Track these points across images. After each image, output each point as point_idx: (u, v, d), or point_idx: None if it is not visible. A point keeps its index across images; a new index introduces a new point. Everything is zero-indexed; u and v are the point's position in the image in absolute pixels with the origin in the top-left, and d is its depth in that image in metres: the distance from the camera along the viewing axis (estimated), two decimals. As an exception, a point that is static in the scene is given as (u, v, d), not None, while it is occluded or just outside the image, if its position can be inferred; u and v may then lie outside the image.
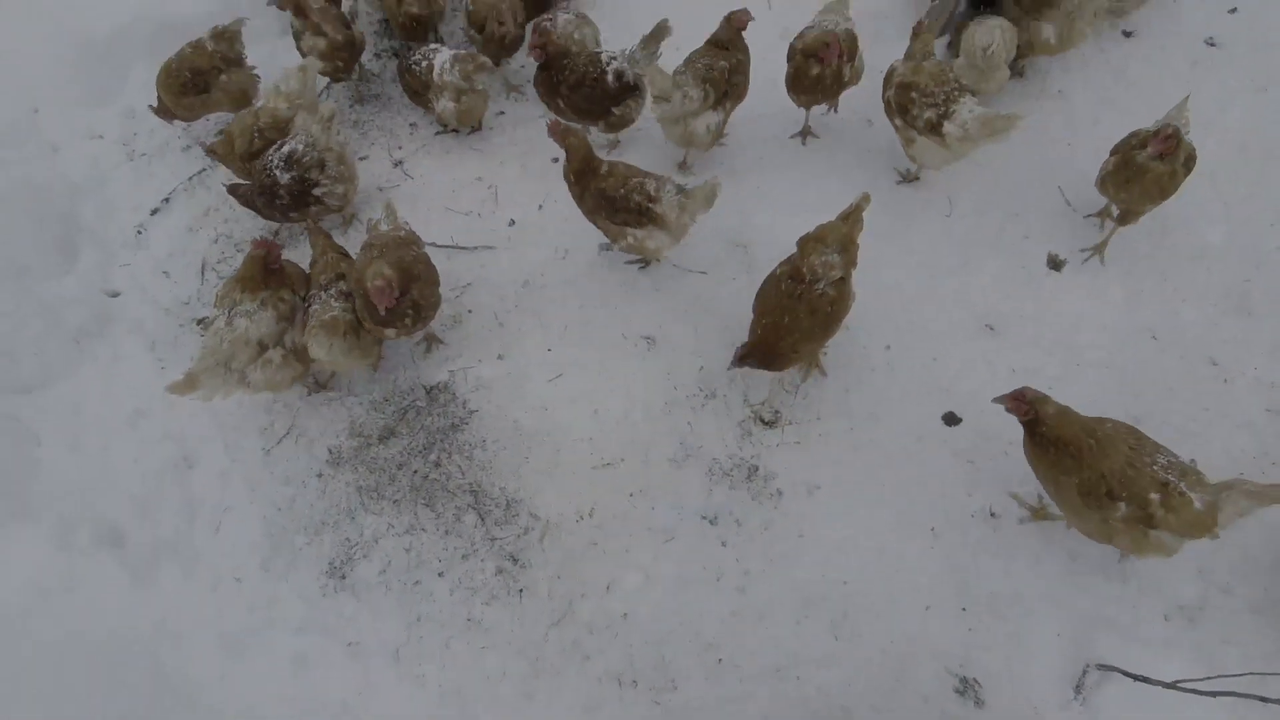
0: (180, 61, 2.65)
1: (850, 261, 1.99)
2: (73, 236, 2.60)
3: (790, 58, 2.50)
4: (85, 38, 2.92)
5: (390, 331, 2.06)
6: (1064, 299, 2.36)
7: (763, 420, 2.20)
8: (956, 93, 2.25)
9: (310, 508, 2.12)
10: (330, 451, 2.20)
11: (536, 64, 2.53)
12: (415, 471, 2.16)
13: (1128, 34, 2.93)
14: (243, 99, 2.75)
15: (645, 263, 2.48)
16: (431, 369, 2.33)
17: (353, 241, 2.47)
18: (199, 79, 2.66)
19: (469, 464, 2.16)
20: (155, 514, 2.13)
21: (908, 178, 2.63)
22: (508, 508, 2.09)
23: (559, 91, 2.52)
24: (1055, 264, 2.42)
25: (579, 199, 2.24)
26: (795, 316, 1.92)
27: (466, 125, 2.81)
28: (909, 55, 2.38)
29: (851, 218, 2.03)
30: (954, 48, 2.77)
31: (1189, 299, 2.33)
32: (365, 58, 3.00)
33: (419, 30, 2.87)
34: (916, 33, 2.39)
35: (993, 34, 2.38)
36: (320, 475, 2.17)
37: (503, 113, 2.95)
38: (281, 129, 2.48)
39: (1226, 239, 2.44)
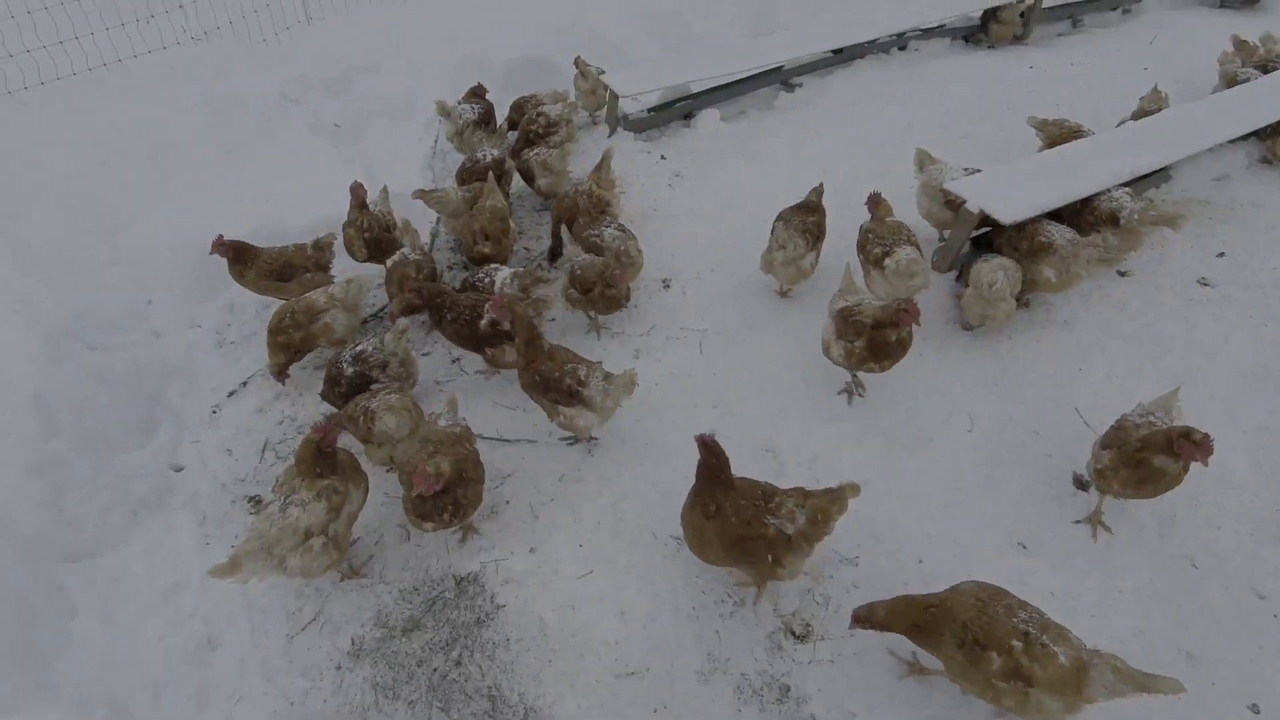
0: (280, 253, 3.16)
1: (816, 535, 2.01)
2: (156, 414, 2.85)
3: (856, 332, 2.50)
4: (205, 242, 3.39)
5: (428, 525, 2.15)
6: (1095, 520, 2.37)
7: (793, 633, 2.14)
8: (901, 241, 2.85)
9: (323, 704, 2.06)
10: (353, 642, 2.18)
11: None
12: (435, 669, 2.10)
13: (1123, 274, 3.23)
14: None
15: (575, 439, 2.69)
16: (464, 559, 2.37)
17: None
18: (286, 270, 3.14)
19: (490, 664, 2.11)
20: (168, 699, 2.07)
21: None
22: (525, 718, 2.00)
23: (442, 321, 2.84)
24: (1081, 484, 2.46)
25: (521, 371, 2.56)
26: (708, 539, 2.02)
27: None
28: (874, 219, 3.04)
29: (834, 505, 2.03)
30: (963, 280, 3.07)
31: (1223, 526, 2.31)
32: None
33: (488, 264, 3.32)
34: (875, 203, 3.06)
35: (996, 273, 2.68)
36: (339, 668, 2.13)
37: (554, 319, 3.29)
38: (312, 315, 2.86)
39: (1252, 466, 2.48)
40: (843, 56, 5.27)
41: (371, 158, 4.36)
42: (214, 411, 2.91)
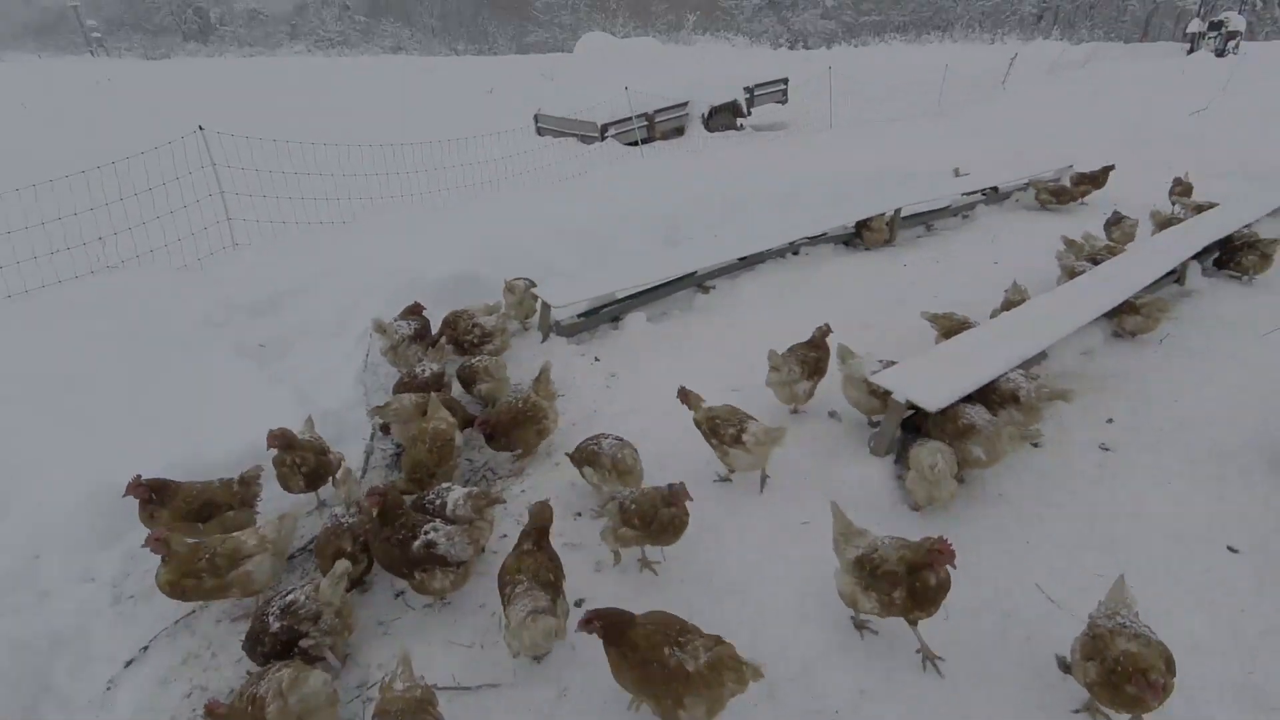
0: (203, 489, 2.88)
1: (713, 682, 1.99)
2: (39, 701, 2.34)
3: (891, 583, 2.26)
4: (108, 484, 3.06)
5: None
6: (1091, 707, 2.31)
7: None
8: (745, 421, 3.20)
9: None
10: None
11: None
12: None
13: (1036, 445, 3.52)
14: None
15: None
16: None
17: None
18: (207, 509, 2.85)
19: None
20: None
21: (724, 478, 3.38)
22: None
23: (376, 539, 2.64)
24: (1064, 667, 2.43)
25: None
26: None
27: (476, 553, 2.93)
28: (703, 408, 3.39)
29: (734, 670, 2.00)
30: (901, 463, 3.23)
31: (1210, 701, 2.32)
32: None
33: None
34: (684, 396, 3.44)
35: (935, 456, 2.86)
36: None
37: (505, 535, 3.12)
38: (235, 560, 2.55)
39: (1209, 627, 2.55)
40: (747, 262, 5.93)
41: (300, 376, 4.26)
42: (108, 688, 2.43)
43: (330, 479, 3.23)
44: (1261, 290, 5.34)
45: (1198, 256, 5.34)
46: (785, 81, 14.68)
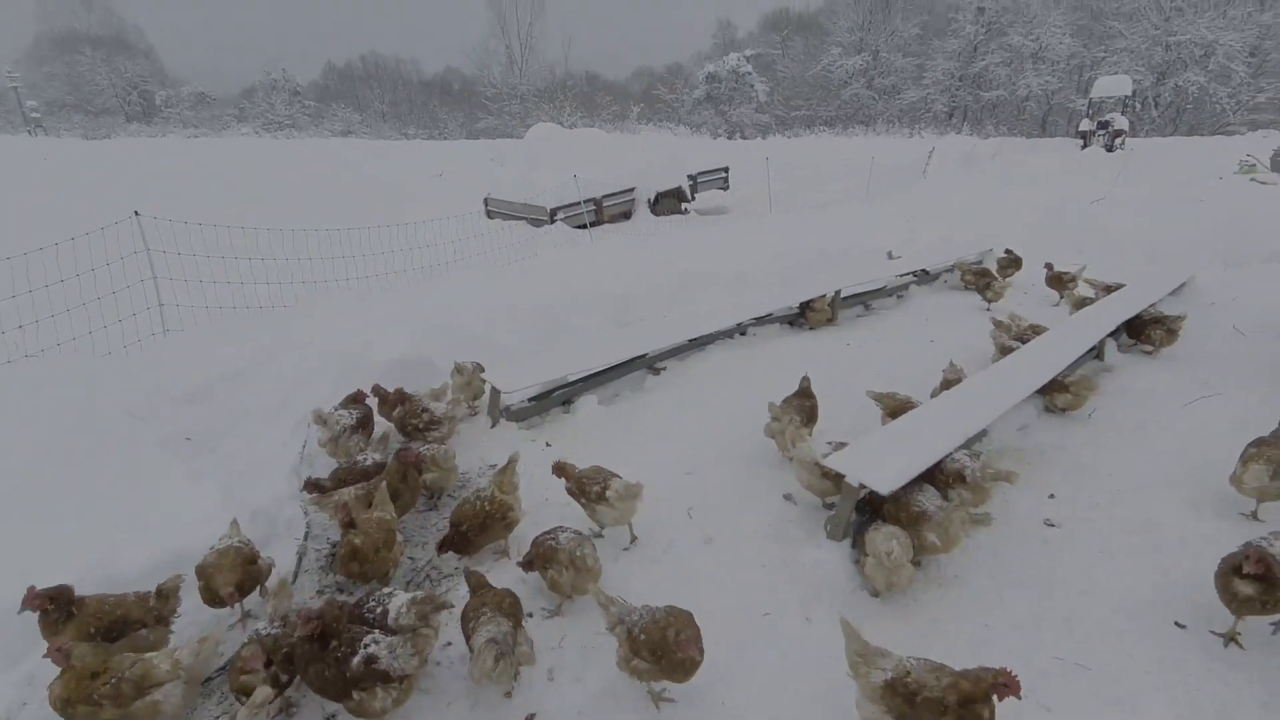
0: (116, 603, 2.60)
1: None
2: None
3: (936, 713, 2.09)
4: (7, 598, 2.74)
5: None
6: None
7: None
8: (609, 479, 3.36)
9: None
10: None
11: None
12: None
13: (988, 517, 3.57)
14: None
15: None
16: None
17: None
18: (117, 626, 2.57)
19: None
20: None
21: (597, 534, 3.49)
22: None
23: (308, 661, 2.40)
24: None
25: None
26: None
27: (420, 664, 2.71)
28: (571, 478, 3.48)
29: None
30: (859, 547, 3.21)
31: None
32: (305, 596, 3.04)
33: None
34: (560, 470, 3.55)
35: (890, 542, 2.85)
36: None
37: (450, 643, 2.91)
38: (142, 688, 2.28)
39: (1168, 706, 2.56)
40: (696, 343, 6.02)
41: (229, 470, 4.00)
42: None
43: (259, 588, 2.98)
44: (1170, 362, 5.72)
45: (1113, 333, 5.71)
46: (726, 170, 15.52)
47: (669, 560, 3.43)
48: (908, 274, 8.17)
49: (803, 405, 4.28)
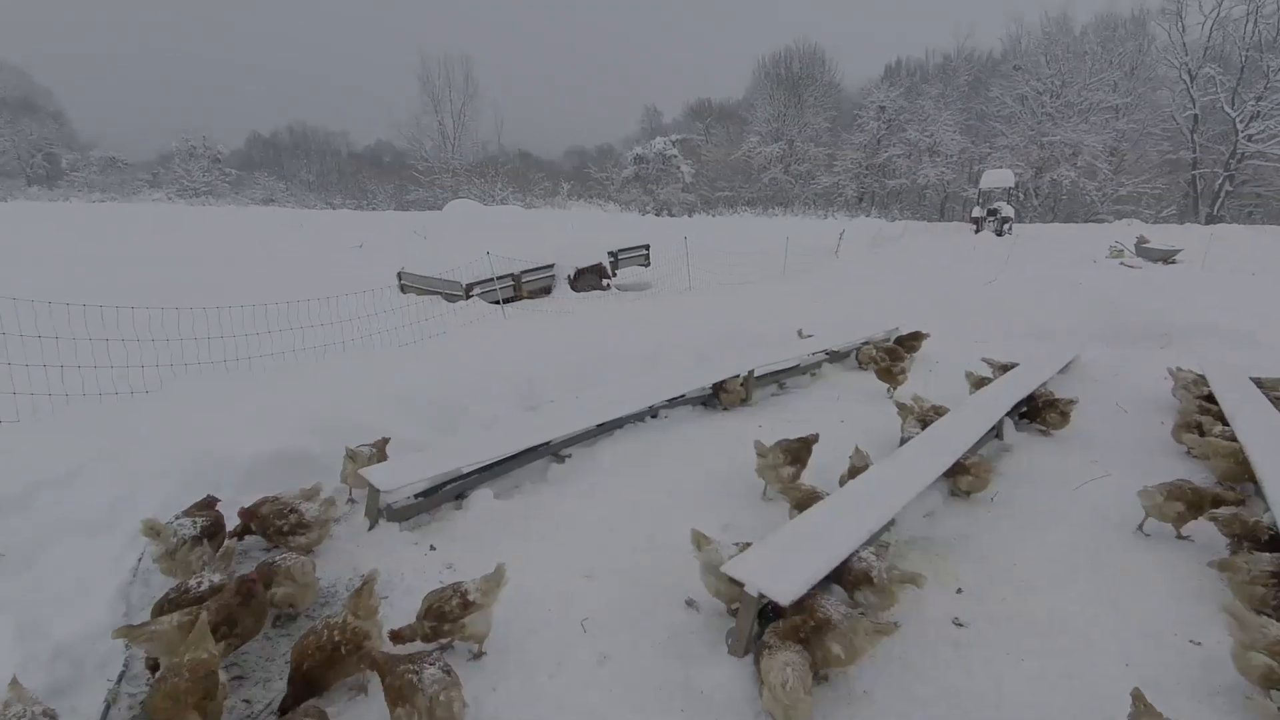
0: None
1: None
2: None
3: None
4: None
5: None
6: None
7: None
8: (464, 586, 3.06)
9: None
10: None
11: None
12: None
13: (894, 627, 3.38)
14: None
15: None
16: None
17: None
18: None
19: None
20: None
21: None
22: None
23: None
24: None
25: None
26: None
27: None
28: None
29: None
30: (757, 666, 2.93)
31: None
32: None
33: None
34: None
35: (785, 671, 2.57)
36: None
37: (275, 818, 2.39)
38: None
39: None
40: (605, 427, 5.76)
41: (37, 596, 3.36)
42: None
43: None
44: (1063, 442, 5.89)
45: (1009, 413, 5.85)
46: (647, 247, 15.78)
47: (556, 687, 3.03)
48: (820, 352, 8.28)
49: (790, 445, 4.63)
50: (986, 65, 52.40)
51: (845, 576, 3.31)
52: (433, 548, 4.13)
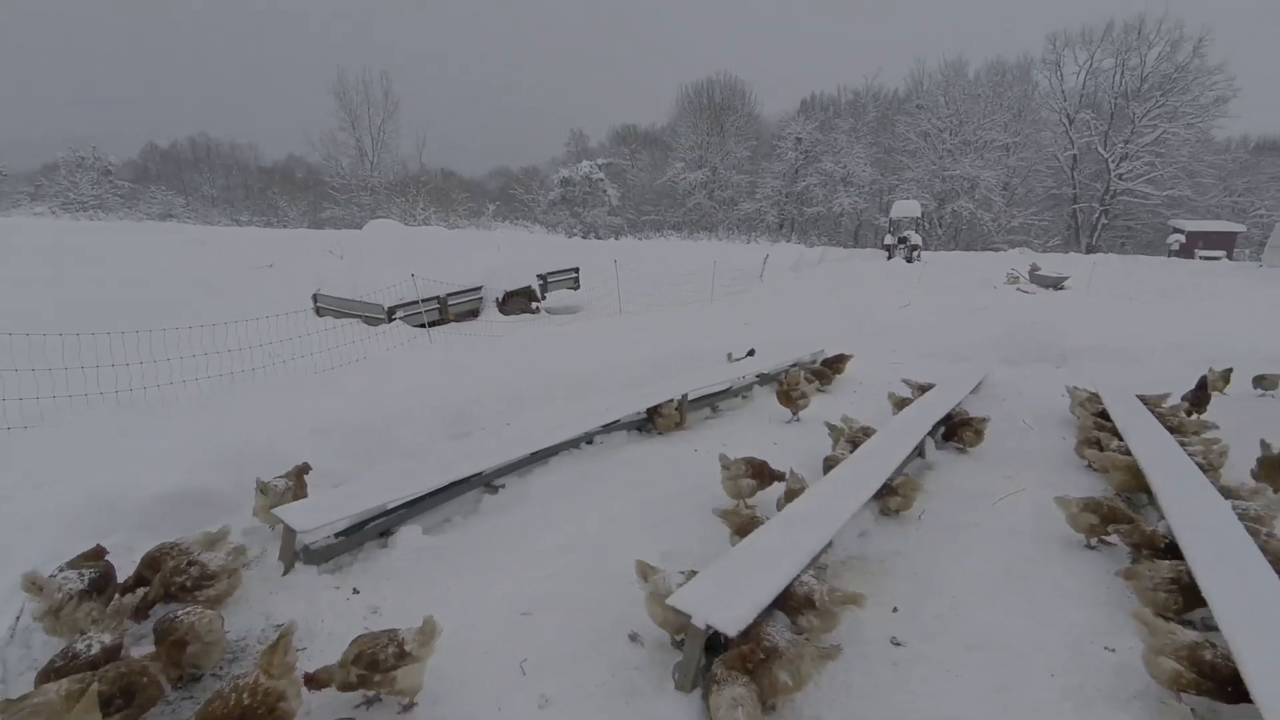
0: None
1: None
2: None
3: None
4: None
5: None
6: None
7: None
8: (398, 635, 2.89)
9: None
10: None
11: None
12: None
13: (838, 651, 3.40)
14: None
15: None
16: None
17: None
18: None
19: None
20: None
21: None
22: None
23: None
24: None
25: None
26: None
27: None
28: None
29: None
30: (705, 700, 2.87)
31: None
32: None
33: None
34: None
35: (736, 710, 2.53)
36: None
37: None
38: None
39: None
40: (539, 455, 5.61)
41: (-122, 671, 2.89)
42: None
43: None
44: (979, 460, 6.20)
45: (930, 432, 6.11)
46: (577, 270, 15.73)
47: (497, 736, 2.86)
48: (751, 374, 8.43)
49: (753, 460, 4.87)
50: (893, 103, 55.93)
51: (788, 601, 3.32)
52: (356, 591, 3.85)
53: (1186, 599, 3.53)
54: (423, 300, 11.11)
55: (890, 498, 4.76)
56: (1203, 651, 2.95)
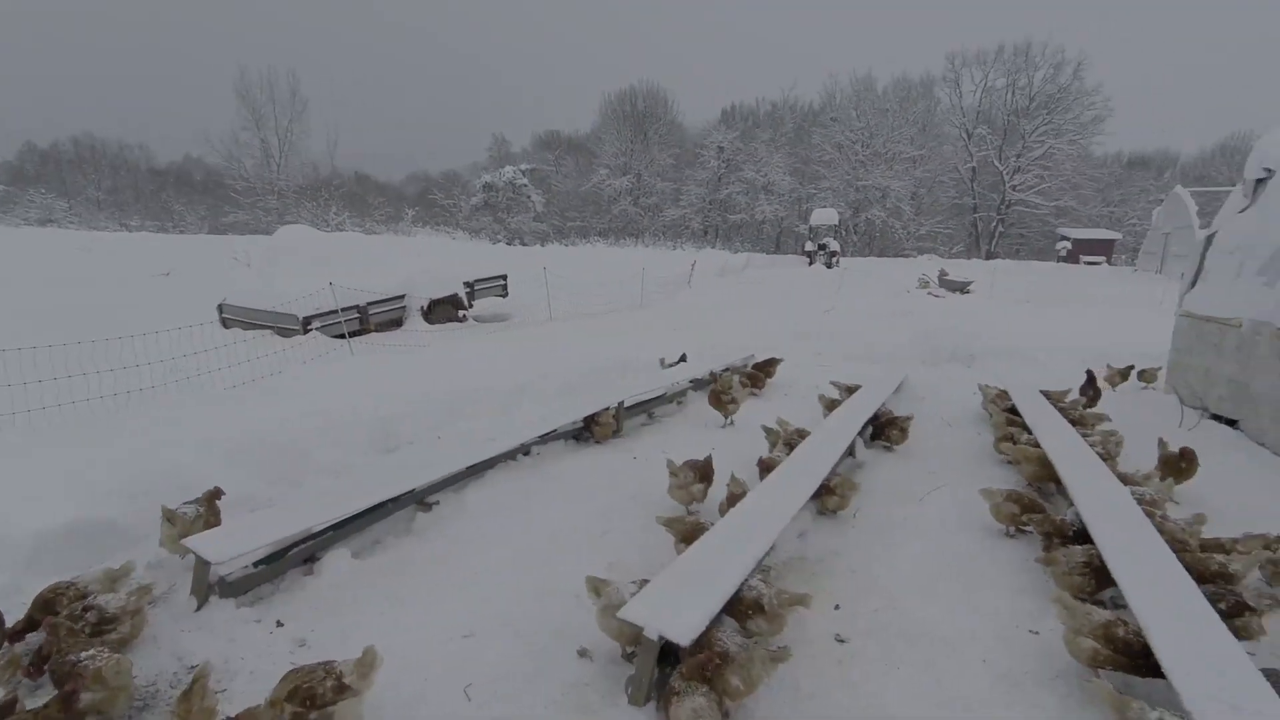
0: None
1: None
2: None
3: None
4: None
5: None
6: None
7: None
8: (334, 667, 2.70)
9: None
10: None
11: None
12: None
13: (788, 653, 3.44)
14: None
15: None
16: None
17: None
18: None
19: None
20: None
21: None
22: None
23: None
24: None
25: None
26: None
27: None
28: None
29: None
30: (663, 709, 2.83)
31: None
32: None
33: None
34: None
35: (700, 717, 2.50)
36: None
37: None
38: None
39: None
40: (474, 469, 5.42)
41: None
42: None
43: None
44: (905, 458, 6.48)
45: (860, 432, 6.33)
46: (505, 277, 15.45)
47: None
48: (686, 379, 8.50)
49: (696, 464, 4.90)
50: (808, 115, 58.28)
51: (737, 607, 3.33)
52: (280, 623, 3.58)
53: (1098, 580, 3.79)
54: (342, 309, 10.58)
55: (828, 497, 4.89)
56: (1116, 629, 3.17)
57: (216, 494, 4.24)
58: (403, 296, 12.45)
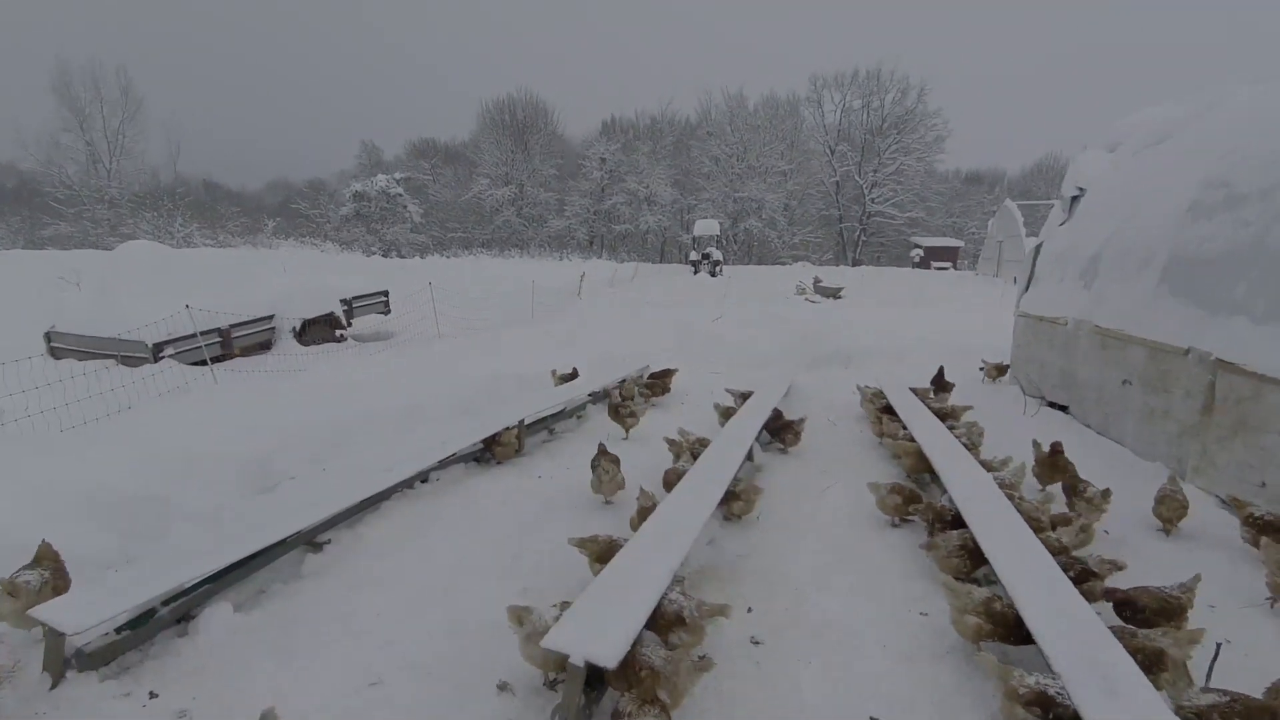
0: None
1: None
2: None
3: None
4: None
5: None
6: None
7: None
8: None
9: None
10: None
11: None
12: None
13: (702, 658, 3.51)
14: None
15: None
16: None
17: None
18: None
19: None
20: None
21: None
22: None
23: None
24: None
25: None
26: None
27: None
28: None
29: None
30: (592, 737, 2.79)
31: None
32: None
33: None
34: None
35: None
36: None
37: None
38: None
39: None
40: (369, 502, 5.10)
41: None
42: None
43: None
44: (799, 459, 6.84)
45: (756, 437, 6.61)
46: (386, 293, 14.68)
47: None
48: (585, 393, 8.47)
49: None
50: (686, 129, 60.30)
51: (658, 621, 3.35)
52: (153, 694, 3.17)
53: (973, 560, 4.18)
54: (201, 334, 9.59)
55: (734, 503, 5.05)
56: (994, 604, 3.51)
57: (57, 556, 3.68)
58: (271, 317, 11.49)
